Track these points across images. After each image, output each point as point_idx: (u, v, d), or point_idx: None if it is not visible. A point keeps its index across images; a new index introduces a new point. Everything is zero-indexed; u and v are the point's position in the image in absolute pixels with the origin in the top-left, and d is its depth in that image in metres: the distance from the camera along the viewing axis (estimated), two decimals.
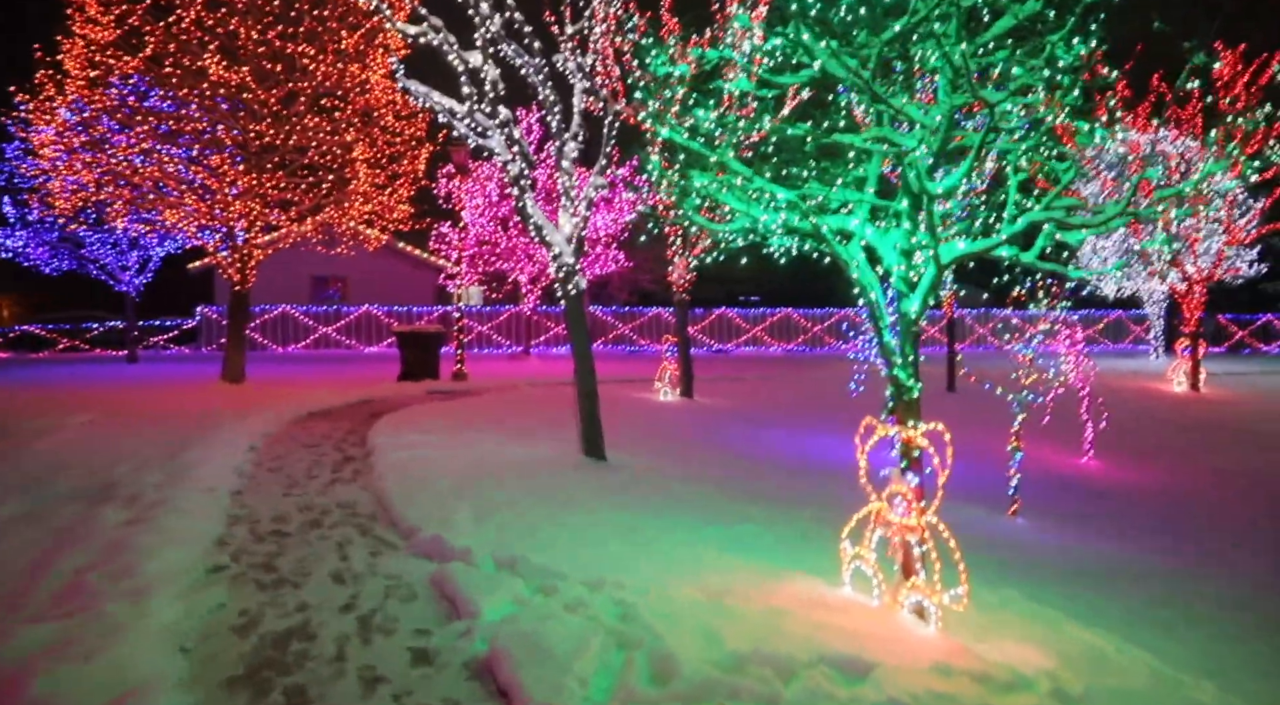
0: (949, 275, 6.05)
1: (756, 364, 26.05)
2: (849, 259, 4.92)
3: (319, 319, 27.58)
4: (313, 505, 7.42)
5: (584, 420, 9.60)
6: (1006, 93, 3.95)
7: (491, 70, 9.00)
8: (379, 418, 12.57)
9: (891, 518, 4.92)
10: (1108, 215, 4.23)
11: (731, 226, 5.70)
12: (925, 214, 4.28)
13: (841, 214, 5.28)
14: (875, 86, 3.86)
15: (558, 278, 9.71)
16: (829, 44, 3.89)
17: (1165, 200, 4.26)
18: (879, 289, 4.91)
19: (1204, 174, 4.22)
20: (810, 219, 4.60)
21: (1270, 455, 15.13)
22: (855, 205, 5.26)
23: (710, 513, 7.33)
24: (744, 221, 5.56)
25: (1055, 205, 4.36)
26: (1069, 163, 4.50)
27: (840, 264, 4.94)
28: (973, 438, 13.97)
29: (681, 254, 17.05)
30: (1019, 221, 4.41)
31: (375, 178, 16.67)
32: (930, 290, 4.63)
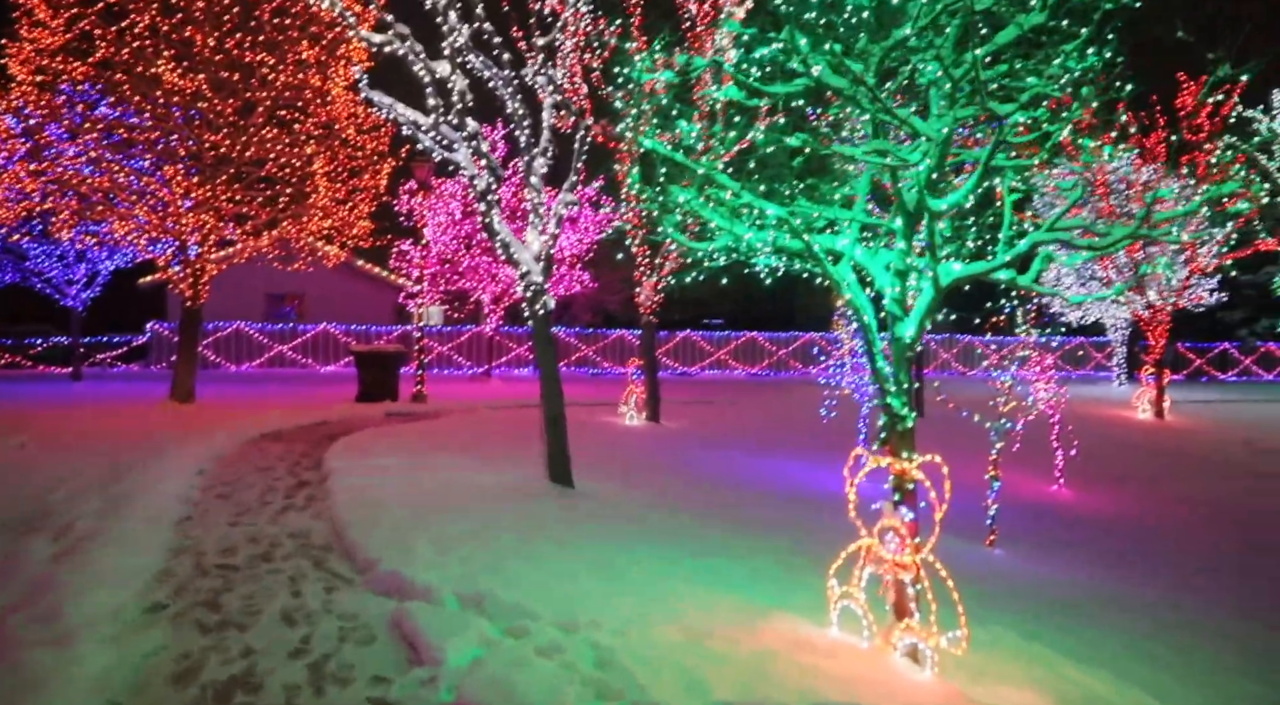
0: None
1: (722, 387, 25.85)
2: (841, 280, 4.67)
3: (274, 337, 26.85)
4: (263, 535, 6.96)
5: (551, 446, 9.24)
6: (1016, 105, 3.75)
7: (460, 81, 8.69)
8: (335, 440, 12.08)
9: (883, 554, 4.64)
10: (1116, 237, 4.04)
11: (714, 245, 5.44)
12: (926, 232, 4.04)
13: (828, 233, 5.04)
14: (881, 95, 3.62)
15: (525, 297, 9.38)
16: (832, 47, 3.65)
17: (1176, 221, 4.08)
18: (872, 312, 4.66)
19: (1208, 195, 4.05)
20: (803, 237, 4.34)
21: (1234, 483, 15.22)
22: (842, 224, 5.03)
23: (685, 543, 7.01)
24: (726, 240, 5.29)
25: (1059, 226, 4.16)
26: (1074, 181, 4.31)
27: (831, 285, 4.68)
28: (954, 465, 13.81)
29: (649, 275, 16.81)
30: (1022, 243, 4.19)
31: (335, 192, 16.21)
32: (928, 314, 4.39)
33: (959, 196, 4.00)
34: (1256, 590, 9.08)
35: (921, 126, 3.74)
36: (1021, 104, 3.74)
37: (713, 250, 5.43)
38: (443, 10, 8.70)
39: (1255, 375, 36.13)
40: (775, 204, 4.36)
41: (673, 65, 4.83)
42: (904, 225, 4.51)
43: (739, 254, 5.50)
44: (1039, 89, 3.68)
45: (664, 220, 5.47)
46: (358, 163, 16.57)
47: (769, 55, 4.60)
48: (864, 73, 3.63)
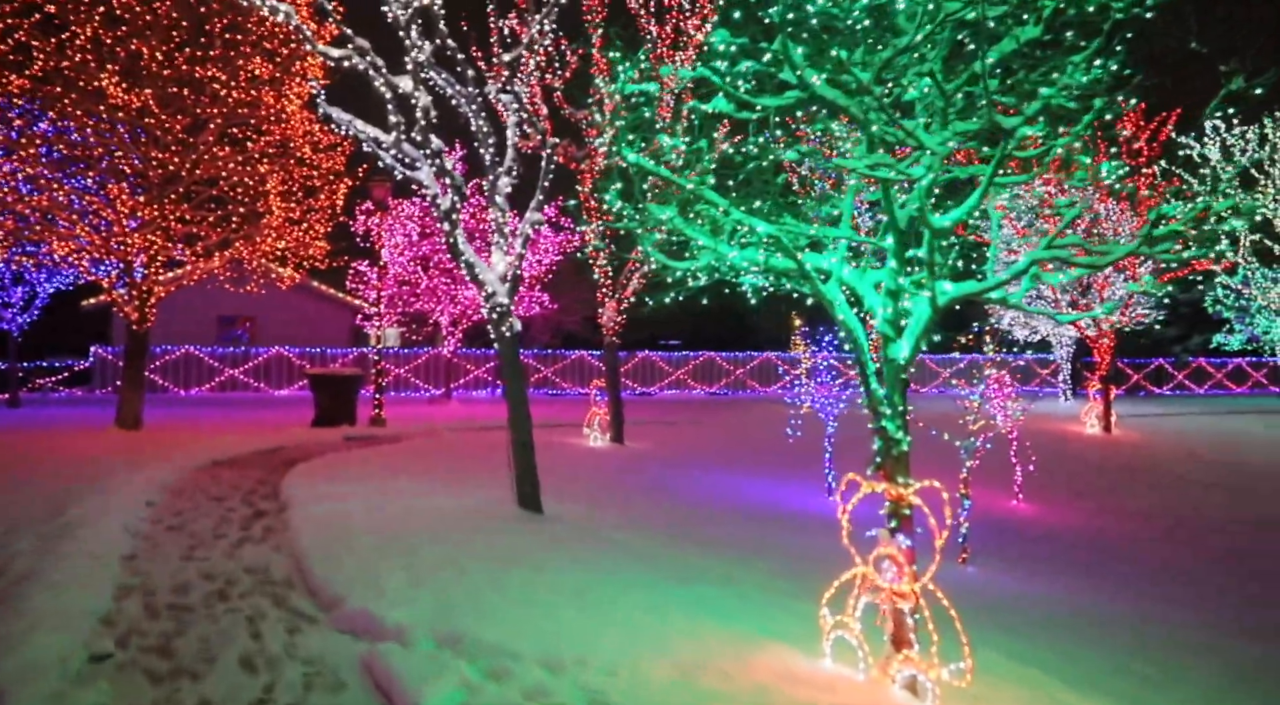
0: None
1: (682, 407, 25.70)
2: (832, 300, 4.52)
3: (225, 361, 26.11)
4: (219, 571, 6.59)
5: (519, 470, 8.97)
6: (1022, 118, 3.63)
7: (423, 97, 8.45)
8: (293, 467, 11.65)
9: (880, 583, 4.47)
10: (1117, 254, 3.95)
11: (695, 264, 5.27)
12: (926, 249, 3.91)
13: (809, 253, 4.89)
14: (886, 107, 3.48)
15: (490, 318, 9.12)
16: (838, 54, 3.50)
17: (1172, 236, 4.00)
18: (863, 333, 4.52)
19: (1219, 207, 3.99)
20: (795, 256, 4.18)
21: (1183, 495, 15.49)
22: (828, 243, 4.89)
23: (665, 569, 6.80)
24: (708, 258, 5.13)
25: (1057, 244, 4.06)
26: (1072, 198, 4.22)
27: (824, 305, 4.53)
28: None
29: (612, 295, 16.64)
30: (1021, 260, 4.08)
31: (289, 212, 15.78)
32: (923, 334, 4.26)
33: (962, 213, 3.88)
34: (1224, 601, 9.14)
35: (926, 139, 3.62)
36: (1028, 117, 3.63)
37: (694, 270, 5.26)
38: (404, 25, 8.47)
39: (1188, 389, 37.22)
40: (765, 221, 4.20)
41: (656, 76, 4.67)
42: (895, 243, 4.38)
43: (721, 273, 5.34)
44: (1051, 98, 3.57)
45: (643, 239, 5.29)
46: (313, 182, 16.16)
47: (753, 68, 4.46)
48: (870, 82, 3.49)
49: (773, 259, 4.56)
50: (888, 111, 3.48)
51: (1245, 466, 18.46)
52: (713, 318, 51.94)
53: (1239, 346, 27.07)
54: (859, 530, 4.65)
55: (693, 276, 5.26)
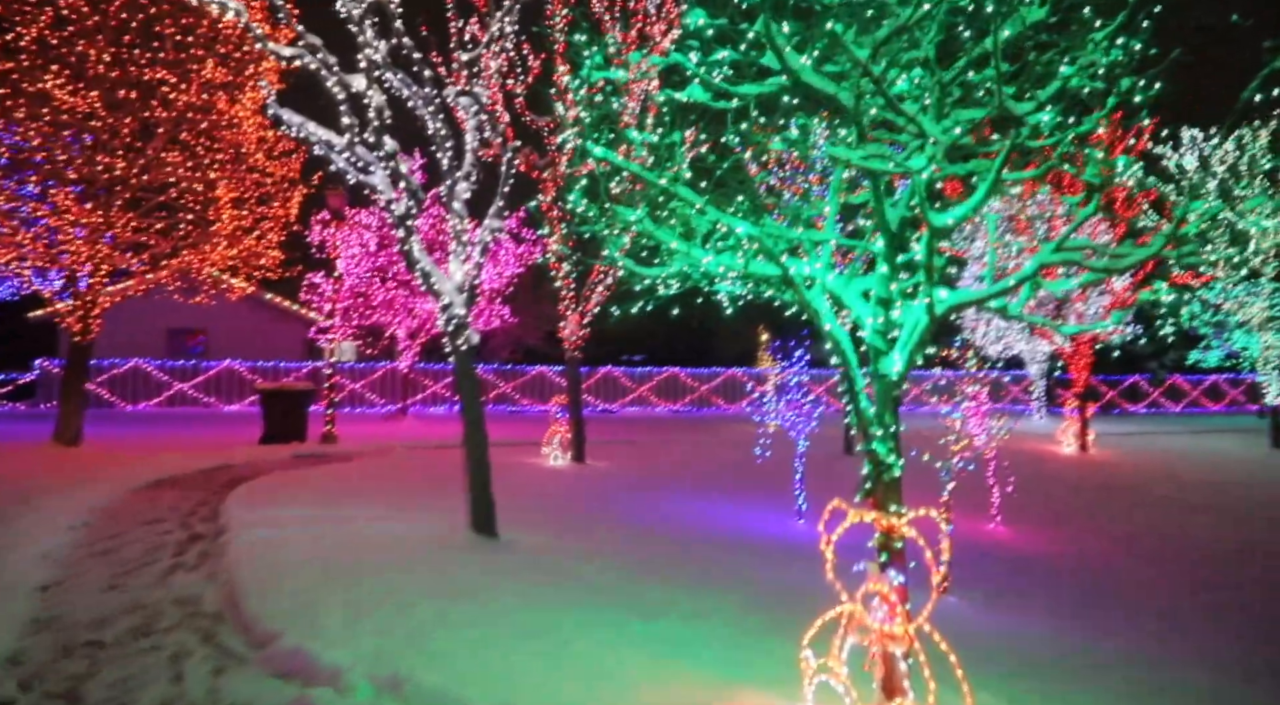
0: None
1: (645, 425, 25.29)
2: (818, 310, 4.16)
3: (175, 374, 25.23)
4: (144, 602, 6.04)
5: (474, 492, 8.49)
6: (1035, 103, 3.32)
7: (377, 96, 8.02)
8: (236, 486, 11.05)
9: (869, 623, 4.09)
10: (1138, 257, 3.64)
11: (666, 271, 4.89)
12: (924, 252, 3.57)
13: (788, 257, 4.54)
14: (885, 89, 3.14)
15: (447, 331, 8.67)
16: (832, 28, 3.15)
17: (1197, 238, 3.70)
18: (851, 346, 4.17)
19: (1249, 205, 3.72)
20: (779, 260, 3.82)
21: (1164, 518, 15.31)
22: (810, 247, 4.54)
23: (628, 602, 6.37)
24: (680, 264, 4.76)
25: (1068, 245, 3.75)
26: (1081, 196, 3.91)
27: (810, 316, 4.17)
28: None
29: (574, 308, 16.23)
30: (1028, 264, 3.76)
31: (241, 220, 15.17)
32: (919, 346, 3.91)
33: (967, 209, 3.55)
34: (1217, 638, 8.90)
35: (929, 127, 3.29)
36: (1042, 102, 3.31)
37: (665, 277, 4.89)
38: (358, 21, 8.05)
39: (1164, 407, 37.28)
40: (746, 222, 3.84)
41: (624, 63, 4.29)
42: (886, 247, 4.04)
43: (694, 280, 4.97)
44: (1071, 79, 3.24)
45: (610, 244, 4.91)
46: (266, 190, 15.58)
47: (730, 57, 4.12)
48: (867, 59, 3.15)
49: (754, 264, 4.20)
50: (887, 94, 3.14)
51: (1226, 488, 18.36)
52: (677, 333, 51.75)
53: (1216, 363, 27.20)
54: (845, 563, 4.27)
55: (664, 284, 4.88)
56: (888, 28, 3.31)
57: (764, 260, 4.14)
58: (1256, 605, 10.38)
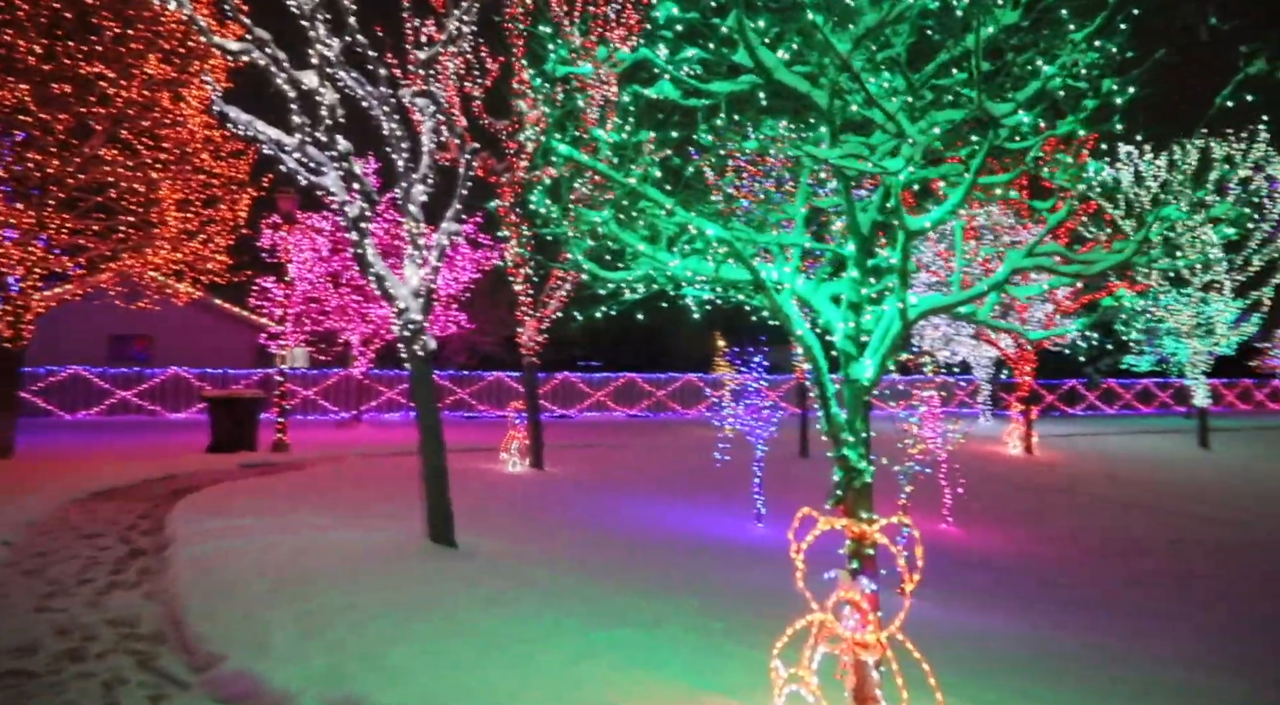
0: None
1: (603, 430, 25.12)
2: (790, 315, 4.05)
3: (117, 382, 24.43)
4: (77, 624, 5.72)
5: (431, 501, 8.26)
6: (1013, 105, 3.24)
7: (329, 94, 7.77)
8: (181, 498, 10.63)
9: (840, 632, 3.99)
10: (1107, 261, 3.58)
11: (631, 275, 4.75)
12: (899, 256, 3.48)
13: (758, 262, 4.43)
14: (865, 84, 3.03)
15: (402, 337, 8.44)
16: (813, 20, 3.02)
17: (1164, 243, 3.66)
18: (821, 351, 4.06)
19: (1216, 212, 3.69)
20: (751, 264, 3.70)
21: (1105, 515, 15.69)
22: (777, 251, 4.44)
23: (592, 610, 6.21)
24: (645, 268, 4.62)
25: (1039, 251, 3.68)
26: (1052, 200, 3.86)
27: (781, 321, 4.05)
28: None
29: (532, 314, 16.03)
30: (1001, 269, 3.69)
31: (186, 223, 14.68)
32: (891, 351, 3.82)
33: (943, 212, 3.46)
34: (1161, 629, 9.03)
35: (908, 127, 3.18)
36: (1020, 103, 3.23)
37: (630, 281, 4.74)
38: (309, 16, 7.79)
39: (1099, 410, 38.41)
40: (717, 224, 3.72)
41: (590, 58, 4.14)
42: (857, 251, 3.95)
43: (659, 285, 4.84)
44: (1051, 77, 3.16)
45: (573, 247, 4.75)
46: (213, 191, 15.10)
47: (698, 55, 3.99)
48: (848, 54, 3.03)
49: (725, 268, 4.07)
50: (868, 91, 3.04)
51: (1159, 486, 18.86)
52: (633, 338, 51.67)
53: (1148, 368, 27.93)
54: (815, 571, 4.17)
55: (630, 288, 4.74)
56: (865, 24, 3.21)
57: (734, 264, 4.02)
58: (1193, 597, 10.63)
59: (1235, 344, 24.52)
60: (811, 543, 4.14)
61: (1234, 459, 22.67)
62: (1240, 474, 20.61)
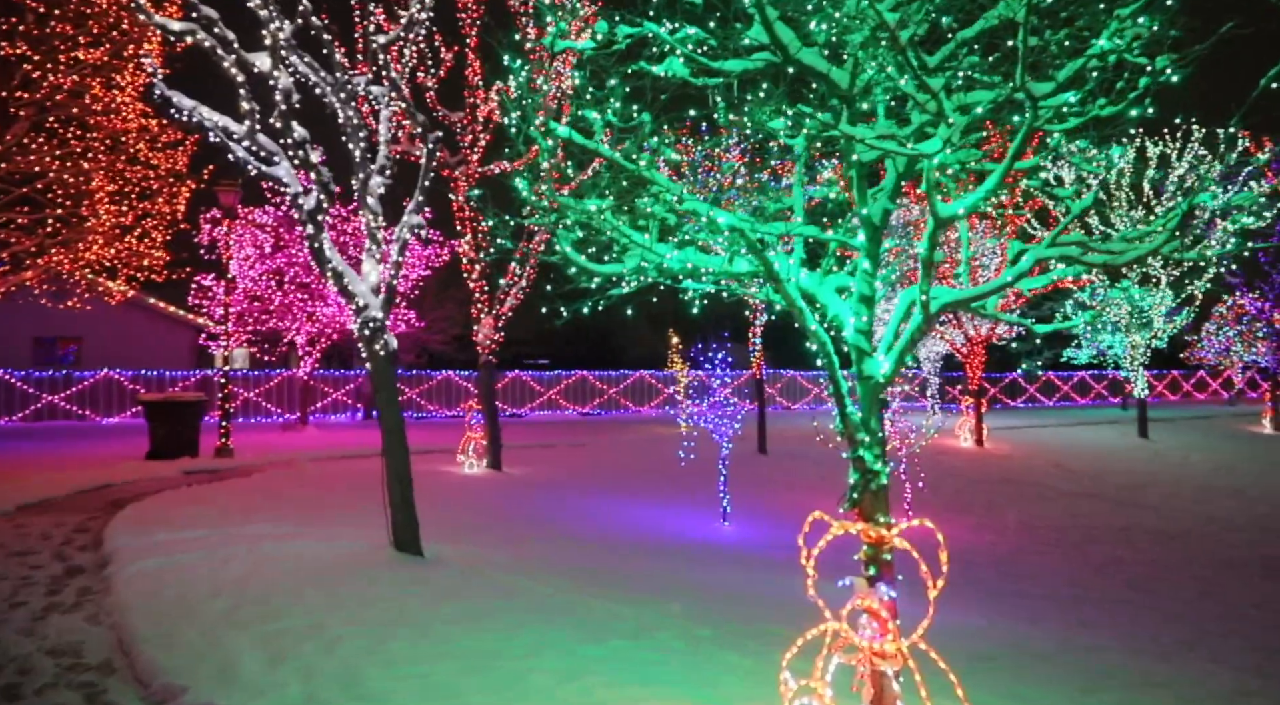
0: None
1: (557, 429, 24.74)
2: (802, 308, 3.80)
3: (43, 386, 23.25)
4: (10, 656, 5.22)
5: (395, 508, 7.86)
6: (1055, 84, 3.03)
7: (284, 78, 7.32)
8: (121, 509, 10.02)
9: (857, 642, 3.76)
10: (1139, 250, 3.41)
11: (622, 268, 4.46)
12: (927, 245, 3.25)
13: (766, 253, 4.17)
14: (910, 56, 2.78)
15: (362, 335, 8.02)
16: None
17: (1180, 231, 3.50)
18: (832, 347, 3.82)
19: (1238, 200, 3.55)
20: (764, 256, 3.45)
21: (1056, 505, 15.99)
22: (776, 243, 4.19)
23: (571, 621, 5.91)
24: (637, 260, 4.34)
25: (1061, 240, 3.50)
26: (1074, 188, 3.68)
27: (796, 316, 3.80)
28: (798, 500, 13.45)
29: (488, 311, 15.60)
30: (1025, 259, 3.49)
31: (121, 217, 13.90)
32: (910, 346, 3.60)
33: (978, 197, 3.25)
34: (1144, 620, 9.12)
35: (947, 106, 2.95)
36: (1061, 83, 3.03)
37: (621, 274, 4.45)
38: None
39: (1039, 402, 39.37)
40: (729, 212, 3.45)
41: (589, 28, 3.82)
42: (868, 241, 3.72)
43: (650, 277, 4.56)
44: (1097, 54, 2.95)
45: (560, 238, 4.44)
46: (150, 184, 14.33)
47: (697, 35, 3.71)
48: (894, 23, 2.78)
49: (738, 260, 3.81)
50: (913, 66, 2.79)
51: (1106, 476, 19.25)
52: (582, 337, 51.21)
53: (1086, 360, 28.55)
54: (828, 578, 3.94)
55: (624, 282, 4.45)
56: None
57: (744, 255, 3.76)
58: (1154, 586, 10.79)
59: (1168, 337, 25.21)
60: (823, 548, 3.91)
61: (1172, 449, 23.27)
62: (1180, 464, 21.16)
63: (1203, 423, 30.59)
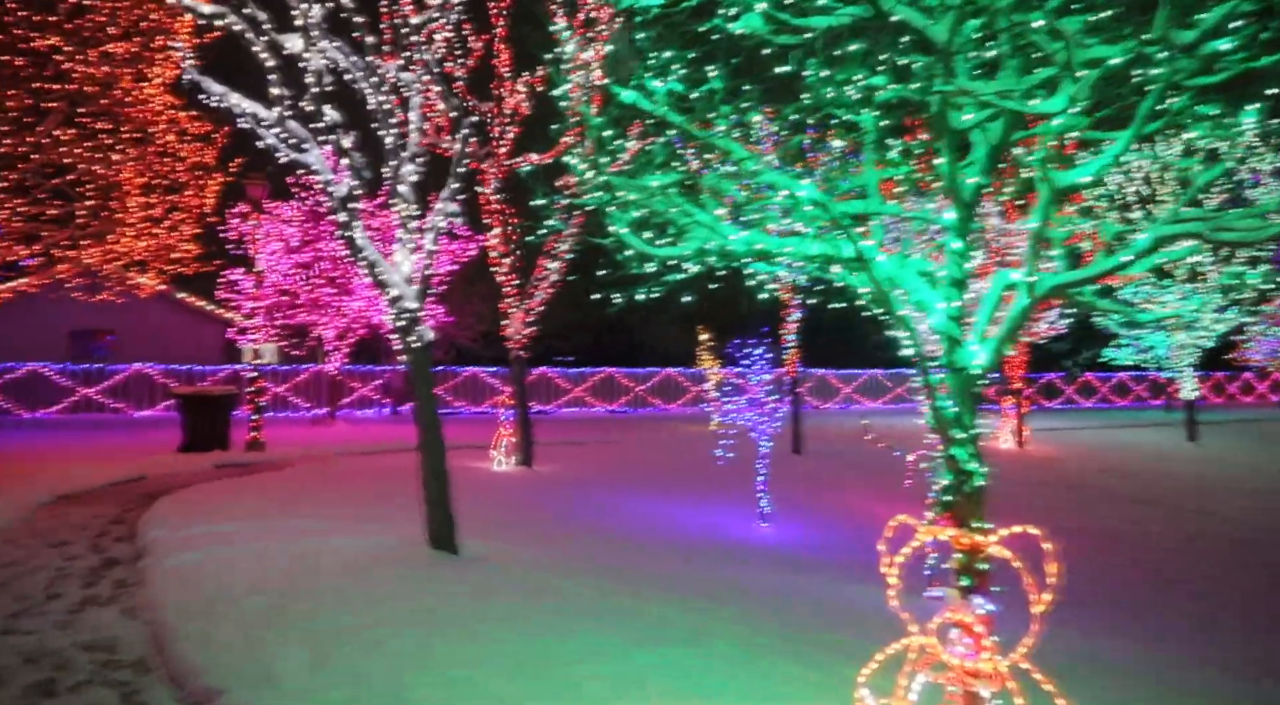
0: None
1: (585, 426, 24.52)
2: (888, 293, 3.51)
3: (78, 379, 23.37)
4: (47, 650, 5.05)
5: (432, 505, 7.63)
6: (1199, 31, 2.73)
7: (316, 59, 7.11)
8: (155, 501, 9.90)
9: (947, 659, 3.47)
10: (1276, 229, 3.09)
11: (679, 251, 4.20)
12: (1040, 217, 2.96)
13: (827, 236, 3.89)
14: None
15: (397, 327, 7.81)
16: None
17: None
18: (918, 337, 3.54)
19: None
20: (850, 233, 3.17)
21: (1111, 510, 15.39)
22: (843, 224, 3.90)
23: (619, 624, 5.65)
24: (699, 242, 4.07)
25: (1185, 215, 3.19)
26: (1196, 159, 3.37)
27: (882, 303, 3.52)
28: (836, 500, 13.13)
29: (518, 306, 15.39)
30: (1143, 237, 3.19)
31: (150, 209, 13.78)
32: (1011, 335, 3.30)
33: (1103, 165, 2.95)
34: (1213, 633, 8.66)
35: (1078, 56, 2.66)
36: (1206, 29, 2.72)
37: (684, 258, 4.19)
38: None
39: (1077, 403, 38.39)
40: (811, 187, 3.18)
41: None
42: (959, 220, 3.42)
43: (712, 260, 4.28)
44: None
45: (615, 219, 4.19)
46: (178, 176, 14.20)
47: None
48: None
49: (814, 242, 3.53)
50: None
51: (1159, 481, 18.58)
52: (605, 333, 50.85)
53: (1128, 361, 27.80)
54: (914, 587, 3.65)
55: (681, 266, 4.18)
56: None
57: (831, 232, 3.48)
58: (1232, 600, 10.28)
59: (1217, 337, 24.37)
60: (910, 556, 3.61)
61: (1225, 453, 22.58)
62: (1236, 467, 20.41)
63: (1252, 426, 29.79)
